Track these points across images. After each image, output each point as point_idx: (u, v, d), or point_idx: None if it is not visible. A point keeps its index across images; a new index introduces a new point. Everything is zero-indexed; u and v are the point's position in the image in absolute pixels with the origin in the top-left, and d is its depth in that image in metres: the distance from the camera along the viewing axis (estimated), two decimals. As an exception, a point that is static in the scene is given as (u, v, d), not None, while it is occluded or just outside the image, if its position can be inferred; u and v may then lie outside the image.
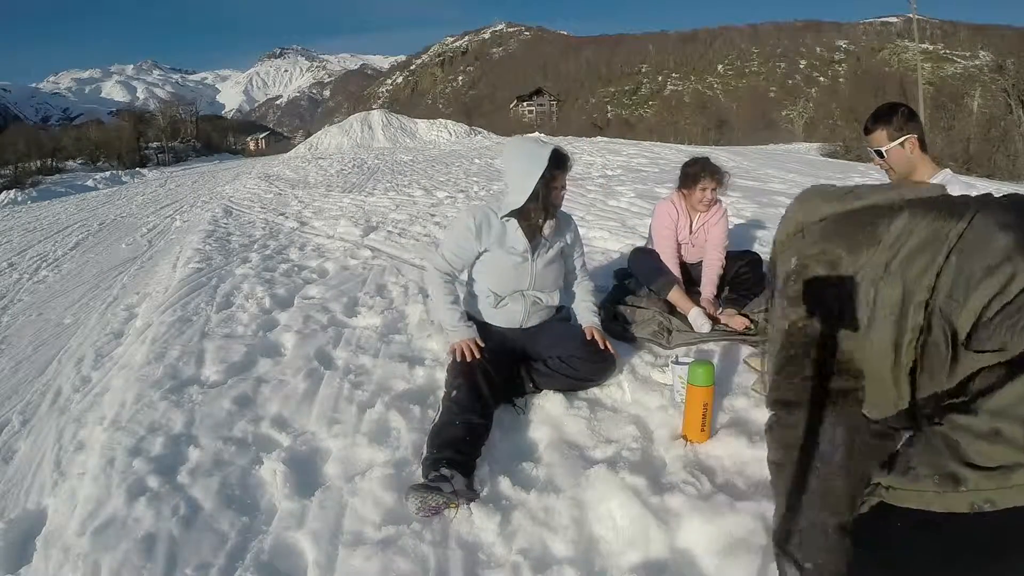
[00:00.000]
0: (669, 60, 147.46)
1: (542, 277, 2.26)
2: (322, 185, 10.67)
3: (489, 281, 2.24)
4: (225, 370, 2.57)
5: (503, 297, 2.24)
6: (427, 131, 32.96)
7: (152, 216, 9.85)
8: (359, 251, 4.74)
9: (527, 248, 2.19)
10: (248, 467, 1.88)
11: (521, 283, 2.23)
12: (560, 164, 2.14)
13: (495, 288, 2.24)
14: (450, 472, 1.65)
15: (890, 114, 2.02)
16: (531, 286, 2.24)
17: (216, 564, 1.49)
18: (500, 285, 2.23)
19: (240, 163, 28.47)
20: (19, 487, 2.14)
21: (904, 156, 2.02)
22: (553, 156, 2.09)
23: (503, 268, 2.20)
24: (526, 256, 2.20)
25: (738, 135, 41.88)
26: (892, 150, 2.02)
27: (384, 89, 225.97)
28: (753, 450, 1.82)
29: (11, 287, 5.83)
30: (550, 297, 2.31)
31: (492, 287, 2.24)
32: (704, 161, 2.90)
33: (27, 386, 3.13)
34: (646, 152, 13.67)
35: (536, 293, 2.27)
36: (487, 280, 2.25)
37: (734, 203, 5.96)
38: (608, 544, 1.53)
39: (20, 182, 29.09)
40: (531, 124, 72.93)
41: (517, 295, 2.25)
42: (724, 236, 2.93)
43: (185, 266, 4.54)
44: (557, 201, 2.19)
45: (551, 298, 2.32)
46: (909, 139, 2.00)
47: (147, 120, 68.64)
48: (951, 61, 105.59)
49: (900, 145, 2.00)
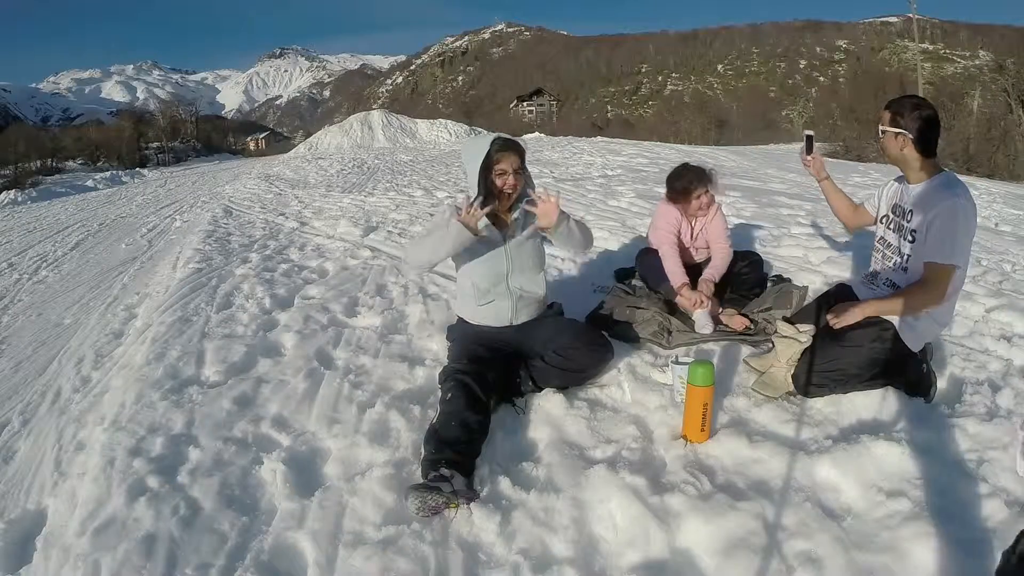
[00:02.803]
0: (669, 60, 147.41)
1: (518, 259, 2.25)
2: (322, 185, 10.67)
3: (471, 274, 2.26)
4: (225, 370, 2.58)
5: (487, 292, 2.24)
6: (427, 131, 32.95)
7: (152, 216, 9.84)
8: (359, 251, 4.74)
9: (498, 235, 2.22)
10: (248, 467, 1.88)
11: (499, 268, 2.23)
12: (502, 147, 2.13)
13: (477, 280, 2.24)
14: (450, 472, 1.66)
15: (900, 105, 2.05)
16: (510, 270, 2.24)
17: (216, 564, 1.50)
18: (480, 275, 2.24)
19: (240, 163, 28.46)
20: (19, 487, 2.13)
21: (894, 147, 2.07)
22: (495, 141, 2.13)
23: (478, 256, 2.22)
24: (497, 241, 2.21)
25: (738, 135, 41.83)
26: (886, 136, 2.08)
27: (384, 89, 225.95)
28: (753, 450, 1.82)
29: (11, 287, 5.83)
30: (534, 284, 2.31)
31: (475, 280, 2.25)
32: (690, 172, 2.85)
33: (27, 386, 3.13)
34: (646, 152, 13.67)
35: (519, 283, 2.26)
36: (469, 275, 2.26)
37: (734, 203, 5.95)
38: (608, 544, 1.53)
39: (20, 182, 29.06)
40: (531, 124, 72.89)
41: (502, 290, 2.25)
42: (724, 227, 2.95)
43: (185, 266, 4.54)
44: (506, 186, 2.15)
45: (536, 285, 2.31)
46: (902, 135, 2.02)
47: (147, 120, 68.64)
48: (951, 61, 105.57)
49: (894, 136, 2.03)
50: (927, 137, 2.02)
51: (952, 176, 2.06)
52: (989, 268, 3.72)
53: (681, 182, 2.84)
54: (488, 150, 2.10)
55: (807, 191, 7.30)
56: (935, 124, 2.03)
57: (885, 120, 2.06)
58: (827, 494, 1.65)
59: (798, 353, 2.15)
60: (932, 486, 1.63)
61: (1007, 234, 5.14)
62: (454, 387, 1.96)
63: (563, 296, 2.74)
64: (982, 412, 2.03)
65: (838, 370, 2.08)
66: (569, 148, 15.50)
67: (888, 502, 1.57)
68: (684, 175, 2.85)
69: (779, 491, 1.65)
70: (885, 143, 2.10)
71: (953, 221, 1.93)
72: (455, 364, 2.10)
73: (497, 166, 2.12)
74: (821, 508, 1.58)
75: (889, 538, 1.47)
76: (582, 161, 11.80)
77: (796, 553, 1.45)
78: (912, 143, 2.02)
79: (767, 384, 2.16)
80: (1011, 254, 4.19)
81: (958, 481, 1.66)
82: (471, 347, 2.18)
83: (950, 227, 1.93)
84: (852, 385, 2.09)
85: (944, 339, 2.53)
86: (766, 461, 1.78)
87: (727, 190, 2.97)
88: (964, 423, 1.93)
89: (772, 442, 1.85)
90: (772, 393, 2.13)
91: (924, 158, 2.05)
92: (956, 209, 1.93)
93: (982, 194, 7.37)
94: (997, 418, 1.95)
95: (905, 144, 2.03)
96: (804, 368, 2.12)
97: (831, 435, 1.91)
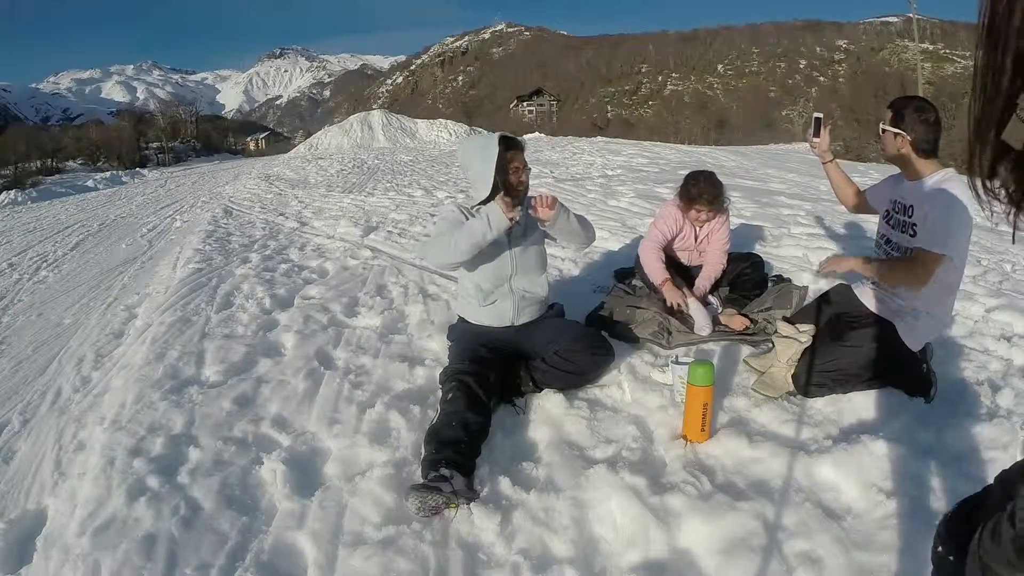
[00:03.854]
0: (669, 60, 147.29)
1: (523, 261, 2.26)
2: (322, 185, 10.67)
3: (474, 276, 2.26)
4: (225, 370, 2.58)
5: (490, 293, 2.25)
6: (427, 131, 32.96)
7: (152, 216, 9.84)
8: (359, 251, 4.74)
9: (503, 237, 2.20)
10: (248, 467, 1.88)
11: (503, 270, 2.24)
12: (511, 145, 2.17)
13: (480, 282, 2.24)
14: (450, 472, 1.66)
15: (901, 106, 2.06)
16: (514, 272, 2.25)
17: (216, 564, 1.50)
18: (484, 277, 2.24)
19: (240, 163, 28.45)
20: (19, 487, 2.13)
21: (893, 147, 2.08)
22: (502, 140, 2.14)
23: (483, 257, 2.20)
24: (502, 243, 2.21)
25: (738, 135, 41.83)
26: (885, 136, 2.10)
27: (384, 89, 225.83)
28: (753, 450, 1.82)
29: (11, 287, 5.82)
30: (537, 285, 2.31)
31: (478, 281, 2.25)
32: (704, 185, 2.76)
33: (27, 386, 3.13)
34: (646, 152, 13.67)
35: (522, 285, 2.27)
36: (472, 276, 2.26)
37: (734, 203, 5.95)
38: (608, 544, 1.53)
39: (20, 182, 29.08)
40: (531, 124, 72.88)
41: (505, 291, 2.25)
42: (726, 240, 2.93)
43: (185, 266, 4.54)
44: (519, 182, 2.18)
45: (538, 286, 2.32)
46: (900, 135, 2.03)
47: (147, 120, 68.63)
48: (951, 61, 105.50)
49: (893, 136, 2.04)
50: (926, 139, 2.03)
51: (951, 173, 2.06)
52: (989, 268, 3.72)
53: (694, 189, 2.77)
54: (499, 149, 2.11)
55: (807, 191, 7.31)
56: (936, 126, 2.04)
57: (886, 119, 2.07)
58: (827, 494, 1.65)
59: (798, 353, 2.15)
60: (932, 486, 1.64)
61: (1007, 234, 5.13)
62: (455, 387, 1.96)
63: (563, 296, 2.74)
64: (982, 412, 2.03)
65: (838, 370, 2.08)
66: (569, 148, 15.50)
67: (888, 502, 1.57)
68: (698, 184, 2.77)
69: (779, 491, 1.65)
70: (885, 142, 2.11)
71: (948, 214, 1.93)
72: (456, 364, 2.10)
73: (511, 164, 2.15)
74: (821, 508, 1.58)
75: (889, 538, 1.47)
76: (582, 161, 11.81)
77: (796, 553, 1.45)
78: (911, 144, 2.03)
79: (767, 384, 2.16)
80: (1011, 254, 4.19)
81: (958, 481, 1.66)
82: (472, 347, 2.18)
83: (944, 219, 1.93)
84: (852, 385, 2.09)
85: (944, 339, 2.53)
86: (766, 461, 1.78)
87: (728, 191, 2.95)
88: (964, 423, 1.93)
89: (772, 442, 1.85)
90: (772, 393, 2.13)
91: (923, 158, 2.05)
92: (952, 203, 1.93)
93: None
94: (997, 418, 1.95)
95: (904, 145, 2.04)
96: (804, 368, 2.12)
97: (831, 435, 1.91)
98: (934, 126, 2.03)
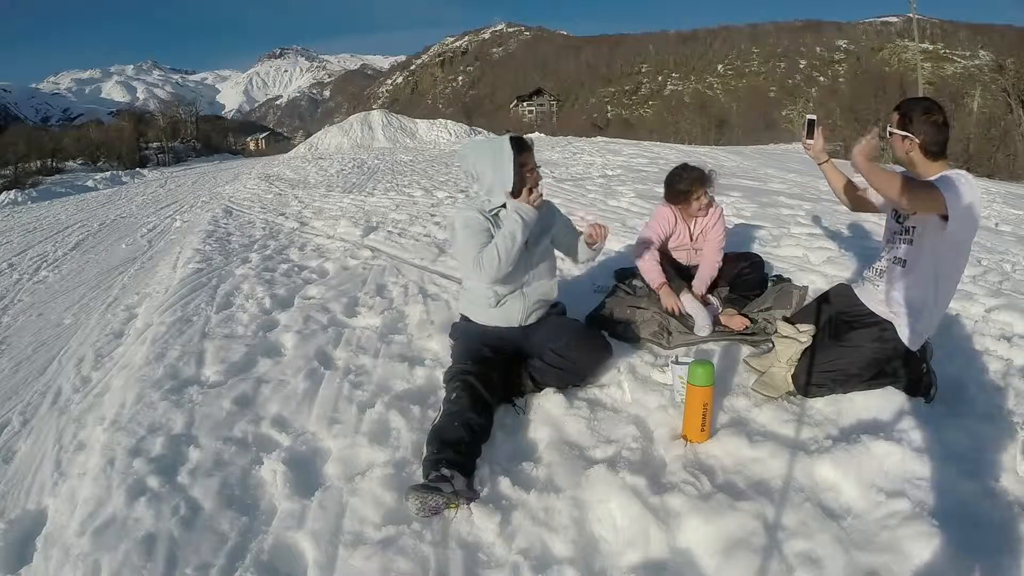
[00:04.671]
0: (669, 60, 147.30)
1: (537, 265, 2.29)
2: (322, 185, 10.66)
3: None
4: (225, 370, 2.58)
5: (505, 296, 2.24)
6: (427, 131, 32.94)
7: (152, 216, 9.83)
8: (359, 251, 4.74)
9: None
10: (248, 467, 1.88)
11: (519, 274, 2.24)
12: (523, 147, 2.21)
13: (497, 287, 2.23)
14: (450, 472, 1.66)
15: (909, 108, 2.04)
16: (528, 276, 2.26)
17: (216, 564, 1.50)
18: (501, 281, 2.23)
19: (240, 163, 28.44)
20: (19, 487, 2.13)
21: (900, 148, 2.06)
22: (513, 142, 2.17)
23: None
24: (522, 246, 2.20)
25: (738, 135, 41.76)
26: (893, 138, 2.07)
27: (384, 89, 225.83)
28: (753, 450, 1.82)
29: (11, 287, 5.82)
30: (549, 289, 2.34)
31: (495, 285, 2.24)
32: (690, 176, 2.81)
33: (27, 386, 3.13)
34: (646, 152, 13.67)
35: (535, 288, 2.28)
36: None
37: (734, 203, 5.96)
38: (608, 544, 1.53)
39: (20, 182, 29.06)
40: (531, 124, 72.89)
41: (518, 294, 2.25)
42: (721, 238, 2.93)
43: (185, 266, 4.54)
44: (534, 181, 2.21)
45: (550, 290, 2.35)
46: (908, 138, 2.01)
47: (147, 120, 68.52)
48: (951, 61, 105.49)
49: (900, 139, 2.03)
50: (935, 141, 2.01)
51: (958, 170, 2.05)
52: (989, 268, 3.73)
53: (683, 184, 2.81)
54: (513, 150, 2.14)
55: (807, 191, 7.31)
56: (945, 127, 2.02)
57: (893, 122, 2.05)
58: (827, 494, 1.65)
59: (798, 353, 2.15)
60: (932, 486, 1.63)
61: (1007, 234, 5.14)
62: (459, 387, 1.96)
63: (564, 296, 2.74)
64: (982, 412, 2.03)
65: (838, 370, 2.08)
66: (569, 148, 15.49)
67: (888, 502, 1.57)
68: (684, 177, 2.82)
69: (779, 491, 1.65)
70: (892, 144, 2.09)
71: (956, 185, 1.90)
72: (460, 364, 2.10)
73: (524, 166, 2.18)
74: (821, 508, 1.58)
75: (889, 538, 1.47)
76: (582, 161, 11.80)
77: (796, 553, 1.45)
78: (918, 147, 2.01)
79: (767, 384, 2.16)
80: (1011, 254, 4.20)
81: (958, 481, 1.66)
82: (476, 347, 2.18)
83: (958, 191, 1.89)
84: (852, 385, 2.09)
85: (944, 339, 2.53)
86: (766, 461, 1.78)
87: (728, 191, 2.95)
88: (964, 423, 1.93)
89: (772, 442, 1.85)
90: (772, 393, 2.13)
91: (932, 160, 2.04)
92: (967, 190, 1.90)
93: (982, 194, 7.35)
94: (997, 418, 1.96)
95: (912, 148, 2.02)
96: (804, 368, 2.11)
97: (831, 435, 1.91)
98: (943, 128, 2.01)
